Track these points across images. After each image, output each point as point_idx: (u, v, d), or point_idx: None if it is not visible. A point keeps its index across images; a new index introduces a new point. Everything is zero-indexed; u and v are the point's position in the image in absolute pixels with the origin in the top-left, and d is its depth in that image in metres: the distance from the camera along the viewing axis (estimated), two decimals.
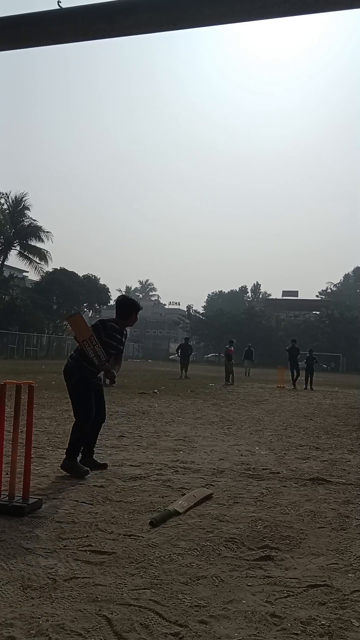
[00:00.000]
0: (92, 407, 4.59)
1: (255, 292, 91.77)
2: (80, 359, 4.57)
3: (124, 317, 4.88)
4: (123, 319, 4.87)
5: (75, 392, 4.61)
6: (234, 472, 4.81)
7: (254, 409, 10.81)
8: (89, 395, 4.60)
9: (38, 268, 44.49)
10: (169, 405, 10.52)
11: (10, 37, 4.35)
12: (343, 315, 56.60)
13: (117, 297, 5.21)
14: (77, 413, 4.59)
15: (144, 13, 3.94)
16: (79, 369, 4.58)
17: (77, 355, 4.64)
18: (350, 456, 5.93)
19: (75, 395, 4.62)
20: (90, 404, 4.59)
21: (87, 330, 4.46)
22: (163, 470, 4.72)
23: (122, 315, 4.87)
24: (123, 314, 4.87)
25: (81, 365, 4.57)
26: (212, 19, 3.93)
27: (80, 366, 4.57)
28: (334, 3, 3.71)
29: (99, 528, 3.15)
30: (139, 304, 5.01)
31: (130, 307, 4.89)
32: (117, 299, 5.07)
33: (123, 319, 4.87)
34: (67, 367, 4.68)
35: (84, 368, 4.56)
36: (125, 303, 4.94)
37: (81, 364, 4.56)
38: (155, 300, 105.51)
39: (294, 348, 20.20)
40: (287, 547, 2.97)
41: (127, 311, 4.88)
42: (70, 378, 4.62)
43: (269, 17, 3.88)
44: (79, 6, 4.14)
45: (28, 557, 2.66)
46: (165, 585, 2.41)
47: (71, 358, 4.72)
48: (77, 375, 4.58)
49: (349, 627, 2.10)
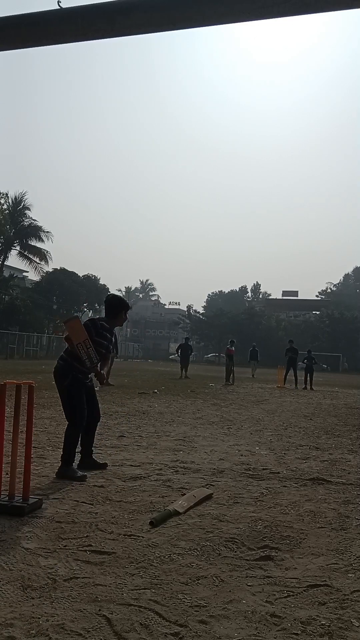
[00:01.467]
0: (84, 410, 4.53)
1: (255, 292, 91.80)
2: (72, 360, 4.50)
3: (114, 317, 4.83)
4: (112, 319, 4.83)
5: (68, 395, 4.52)
6: (234, 472, 4.81)
7: (254, 409, 10.81)
8: (82, 398, 4.54)
9: (38, 268, 44.57)
10: (169, 405, 10.51)
11: (10, 37, 4.35)
12: (343, 315, 56.63)
13: (107, 295, 5.11)
14: (71, 417, 4.51)
15: (144, 13, 3.94)
16: (71, 370, 4.50)
17: (67, 356, 4.55)
18: (350, 456, 5.93)
19: (68, 399, 4.53)
20: (83, 407, 4.52)
21: (82, 334, 4.43)
22: (163, 470, 4.72)
23: (112, 314, 4.83)
24: (112, 313, 4.83)
25: (73, 366, 4.49)
26: (212, 19, 3.93)
27: (72, 367, 4.49)
28: (334, 3, 3.71)
29: (99, 528, 3.14)
30: (128, 302, 4.96)
31: (119, 306, 4.84)
32: (107, 298, 4.99)
33: (112, 319, 4.83)
34: (57, 369, 4.59)
35: (76, 369, 4.49)
36: (114, 302, 4.88)
37: (73, 365, 4.49)
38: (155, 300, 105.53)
39: (291, 349, 20.25)
40: (287, 547, 2.97)
41: (116, 310, 4.83)
42: (62, 380, 4.54)
43: (269, 17, 3.88)
44: (79, 6, 4.14)
45: (28, 557, 2.66)
46: (165, 585, 2.41)
47: (61, 359, 4.61)
48: (69, 377, 4.50)
49: (349, 627, 2.10)
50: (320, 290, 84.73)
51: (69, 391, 4.52)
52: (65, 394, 4.54)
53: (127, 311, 4.92)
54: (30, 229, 43.23)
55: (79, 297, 48.37)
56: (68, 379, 4.51)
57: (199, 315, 67.57)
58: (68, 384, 4.51)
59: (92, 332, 4.57)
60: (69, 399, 4.53)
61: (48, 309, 45.01)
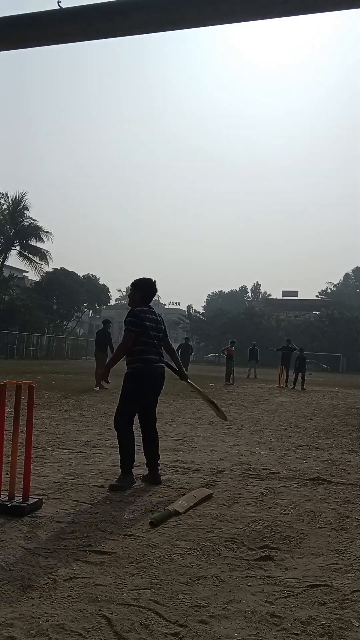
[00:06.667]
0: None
1: (255, 292, 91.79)
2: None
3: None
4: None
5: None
6: (234, 472, 4.81)
7: (254, 409, 10.81)
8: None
9: (38, 268, 44.55)
10: (169, 405, 10.51)
11: (10, 37, 4.35)
12: (343, 315, 56.63)
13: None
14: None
15: (144, 13, 3.95)
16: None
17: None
18: (350, 456, 5.93)
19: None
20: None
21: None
22: (163, 470, 4.72)
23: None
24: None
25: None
26: (213, 19, 3.94)
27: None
28: (333, 3, 3.72)
29: (99, 528, 3.15)
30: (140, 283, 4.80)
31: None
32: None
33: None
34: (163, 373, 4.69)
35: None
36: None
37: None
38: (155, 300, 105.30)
39: (286, 347, 20.17)
40: (287, 547, 2.97)
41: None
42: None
43: (269, 17, 3.89)
44: (79, 6, 4.15)
45: (28, 557, 2.66)
46: (165, 585, 2.41)
47: (163, 362, 4.70)
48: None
49: (349, 627, 2.10)
50: (320, 290, 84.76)
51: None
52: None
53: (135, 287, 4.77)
54: (30, 229, 43.23)
55: (79, 297, 48.37)
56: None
57: (199, 315, 67.55)
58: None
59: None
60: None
61: (48, 309, 44.99)
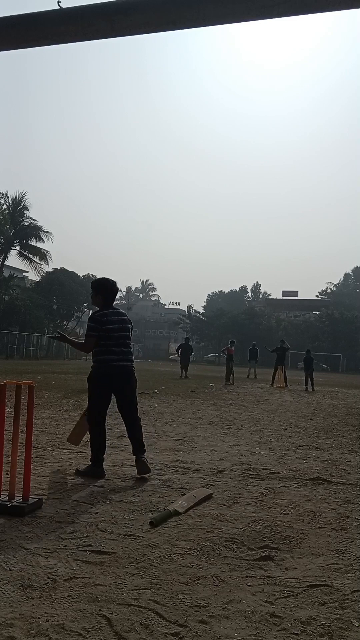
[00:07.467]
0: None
1: (255, 292, 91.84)
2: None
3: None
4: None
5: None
6: (234, 472, 4.81)
7: (254, 409, 10.81)
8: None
9: (38, 268, 44.59)
10: (169, 405, 10.51)
11: (10, 37, 4.35)
12: (343, 315, 56.66)
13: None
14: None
15: (143, 13, 3.94)
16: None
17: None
18: (350, 456, 5.93)
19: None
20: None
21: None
22: (163, 470, 4.72)
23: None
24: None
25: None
26: (213, 19, 3.93)
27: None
28: (333, 3, 3.72)
29: (99, 528, 3.14)
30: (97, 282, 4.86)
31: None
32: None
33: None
34: (133, 368, 4.71)
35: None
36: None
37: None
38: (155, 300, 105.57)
39: (280, 348, 20.21)
40: (287, 547, 2.97)
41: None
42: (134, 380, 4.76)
43: (269, 17, 3.89)
44: (79, 6, 4.15)
45: (28, 557, 2.66)
46: (165, 585, 2.41)
47: (131, 361, 4.70)
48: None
49: (349, 627, 2.10)
50: (320, 290, 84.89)
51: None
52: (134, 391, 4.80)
53: (96, 291, 4.77)
54: (30, 229, 43.26)
55: (79, 297, 48.37)
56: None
57: (199, 315, 67.60)
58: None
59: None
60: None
61: (48, 309, 45.03)
